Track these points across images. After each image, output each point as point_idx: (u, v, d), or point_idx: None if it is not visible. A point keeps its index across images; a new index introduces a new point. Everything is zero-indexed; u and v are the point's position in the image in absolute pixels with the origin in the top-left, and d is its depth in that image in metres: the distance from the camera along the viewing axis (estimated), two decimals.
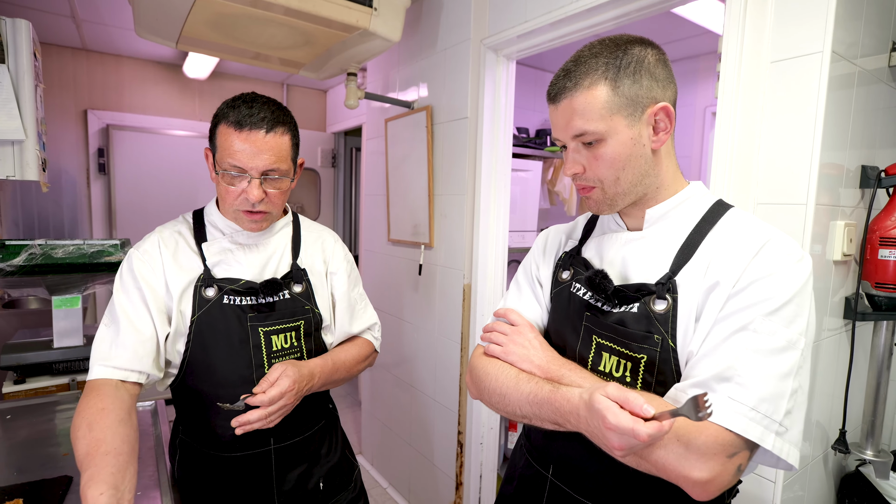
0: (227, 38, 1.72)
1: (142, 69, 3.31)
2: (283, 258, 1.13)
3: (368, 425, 2.80)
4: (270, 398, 0.94)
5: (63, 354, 1.68)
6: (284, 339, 1.07)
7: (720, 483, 0.63)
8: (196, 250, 1.07)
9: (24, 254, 1.53)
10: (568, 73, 0.75)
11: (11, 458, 1.13)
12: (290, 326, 1.08)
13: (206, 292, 1.02)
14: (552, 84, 0.78)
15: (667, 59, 0.77)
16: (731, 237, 0.73)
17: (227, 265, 1.07)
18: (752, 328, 0.66)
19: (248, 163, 0.98)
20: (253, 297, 1.05)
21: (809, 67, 1.05)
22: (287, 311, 1.08)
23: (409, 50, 2.26)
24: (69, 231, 3.15)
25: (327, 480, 1.17)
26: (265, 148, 0.98)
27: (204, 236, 1.09)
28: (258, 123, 0.98)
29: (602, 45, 0.75)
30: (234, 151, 0.98)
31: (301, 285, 1.11)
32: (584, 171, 0.78)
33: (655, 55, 0.75)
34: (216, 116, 1.02)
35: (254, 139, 0.97)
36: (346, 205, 4.12)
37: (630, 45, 0.74)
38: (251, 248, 1.10)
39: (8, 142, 1.37)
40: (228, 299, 1.03)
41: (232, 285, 1.04)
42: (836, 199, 1.14)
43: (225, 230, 1.09)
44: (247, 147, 0.97)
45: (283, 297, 1.08)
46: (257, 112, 0.98)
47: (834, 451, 1.26)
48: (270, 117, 0.99)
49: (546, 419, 0.75)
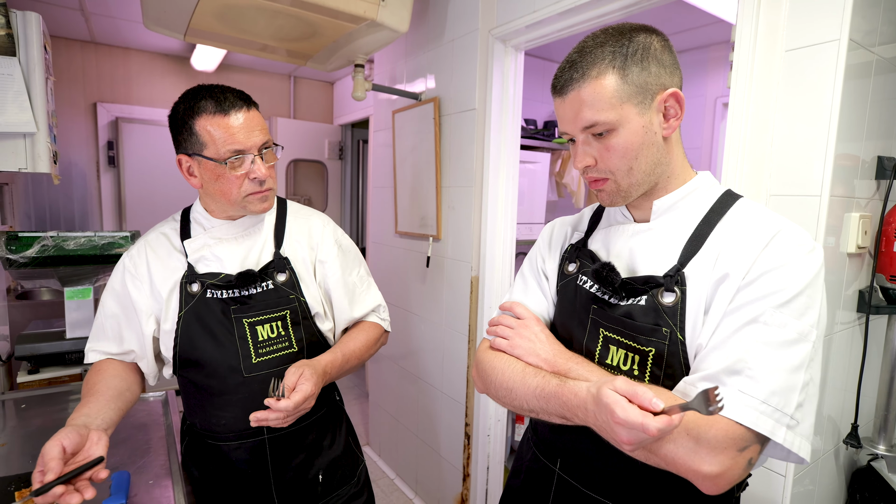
0: (234, 30, 1.72)
1: (150, 62, 3.31)
2: (265, 248, 1.13)
3: (375, 416, 2.82)
4: (295, 404, 0.94)
5: (75, 345, 1.70)
6: (271, 328, 1.08)
7: (730, 477, 0.62)
8: (181, 249, 1.09)
9: (36, 245, 1.55)
10: (573, 64, 0.74)
11: (26, 446, 1.15)
12: (275, 316, 1.08)
13: (190, 288, 1.05)
14: (557, 76, 0.76)
15: (671, 45, 0.75)
16: (740, 228, 0.72)
17: (209, 260, 1.08)
18: (763, 320, 0.65)
19: (246, 142, 0.99)
20: (234, 290, 1.06)
21: (825, 56, 1.03)
22: (271, 301, 1.08)
23: (417, 41, 2.24)
24: (80, 223, 3.18)
25: (328, 473, 1.16)
26: (254, 123, 1.01)
27: (188, 233, 1.11)
28: (237, 104, 1.00)
29: (606, 35, 0.73)
30: (232, 135, 0.98)
31: (284, 274, 1.10)
32: (596, 163, 0.76)
33: (661, 41, 0.73)
34: (186, 115, 0.98)
35: (243, 117, 0.99)
36: (353, 197, 4.13)
37: (635, 32, 0.73)
38: (231, 242, 1.10)
39: (20, 134, 1.38)
40: (211, 293, 1.05)
41: (213, 279, 1.05)
42: (851, 190, 1.12)
43: (206, 226, 1.10)
44: (240, 126, 0.99)
45: (266, 287, 1.08)
46: (228, 95, 1.00)
47: (846, 446, 1.25)
48: (240, 97, 1.02)
49: (553, 413, 0.74)
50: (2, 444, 1.16)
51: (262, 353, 1.07)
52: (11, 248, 1.52)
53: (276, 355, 1.08)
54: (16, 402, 1.40)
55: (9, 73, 1.34)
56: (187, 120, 0.99)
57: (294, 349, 1.10)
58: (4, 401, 1.41)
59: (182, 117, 0.99)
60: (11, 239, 1.54)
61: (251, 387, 1.05)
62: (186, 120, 0.99)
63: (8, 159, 1.38)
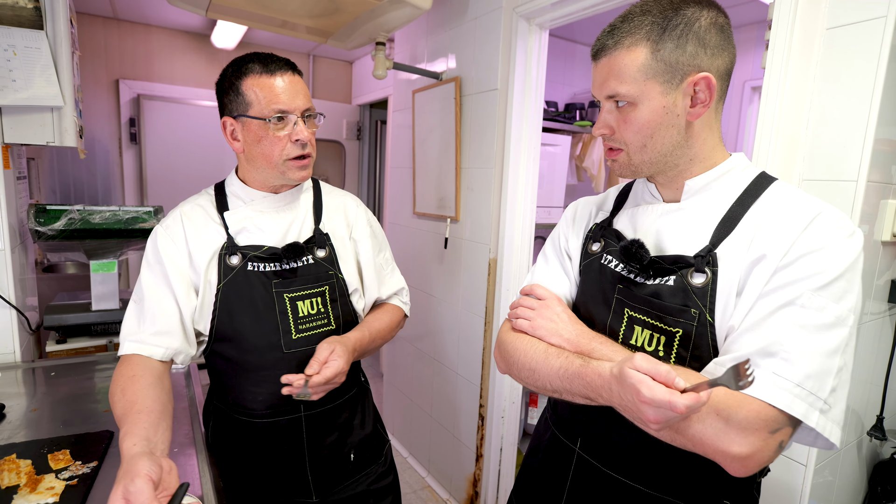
0: (255, 6, 1.70)
1: (171, 39, 3.32)
2: (306, 223, 1.12)
3: (390, 396, 2.86)
4: (326, 378, 0.96)
5: (101, 317, 1.74)
6: (311, 304, 1.07)
7: (760, 459, 0.61)
8: (219, 220, 1.07)
9: (63, 218, 1.58)
10: (613, 30, 0.73)
11: (56, 412, 1.19)
12: (315, 292, 1.08)
13: (230, 260, 1.04)
14: (598, 39, 0.75)
15: (726, 23, 0.72)
16: (777, 210, 0.70)
17: (250, 232, 1.07)
18: (800, 303, 0.63)
19: (290, 103, 1.00)
20: (277, 263, 1.05)
21: (870, 34, 0.98)
22: (311, 277, 1.07)
23: (439, 19, 2.20)
24: (103, 198, 3.23)
25: (359, 451, 1.17)
26: (299, 88, 1.02)
27: (226, 205, 1.09)
28: (283, 67, 1.01)
29: (655, 2, 0.71)
30: (276, 95, 0.99)
31: (324, 250, 1.10)
32: (613, 132, 0.76)
33: (710, 19, 0.70)
34: (234, 76, 1.00)
35: (288, 80, 1.01)
36: (371, 178, 4.12)
37: (685, 4, 0.70)
38: (273, 214, 1.09)
39: (47, 108, 1.40)
40: (253, 266, 1.04)
41: (255, 252, 1.05)
42: (889, 176, 1.08)
43: (245, 199, 1.10)
44: (285, 87, 1.00)
45: (306, 262, 1.07)
46: (274, 59, 1.02)
47: (869, 438, 1.24)
48: (286, 62, 1.03)
49: (577, 393, 0.74)
50: (34, 409, 1.19)
51: (303, 330, 1.06)
52: (40, 220, 1.55)
53: (316, 332, 1.07)
54: (45, 370, 1.44)
55: (36, 46, 1.35)
56: (235, 81, 1.00)
57: (332, 326, 1.09)
58: (35, 368, 1.46)
59: (230, 79, 1.01)
60: (40, 212, 1.57)
61: (290, 363, 1.05)
62: (234, 81, 1.00)
63: (36, 132, 1.40)
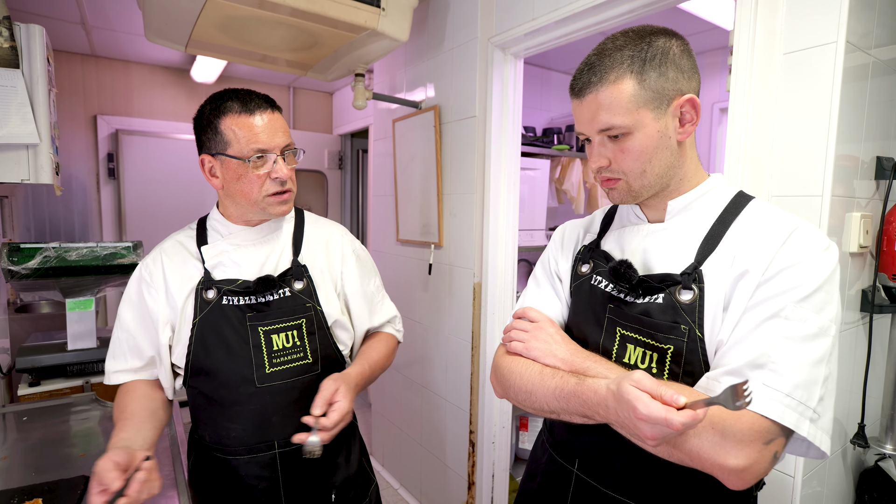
0: (235, 41, 1.73)
1: (150, 74, 3.33)
2: (283, 255, 1.12)
3: (379, 426, 2.80)
4: (334, 422, 0.94)
5: (77, 357, 1.69)
6: (286, 338, 1.05)
7: (757, 471, 0.62)
8: (198, 255, 1.08)
9: (38, 257, 1.55)
10: (592, 66, 0.75)
11: (29, 458, 1.14)
12: (290, 325, 1.06)
13: (206, 294, 1.04)
14: (576, 78, 0.77)
15: (691, 49, 0.76)
16: (756, 226, 0.73)
17: (226, 266, 1.07)
18: (784, 315, 0.65)
19: (269, 142, 1.00)
20: (252, 297, 1.04)
21: (823, 58, 1.04)
22: (286, 309, 1.06)
23: (417, 50, 2.26)
24: (80, 235, 3.17)
25: (341, 492, 1.12)
26: (278, 125, 1.03)
27: (205, 240, 1.10)
28: (262, 105, 1.02)
29: (626, 37, 0.74)
30: (256, 134, 0.99)
31: (302, 282, 1.09)
32: (610, 164, 0.78)
33: (680, 46, 0.75)
34: (213, 115, 1.00)
35: (267, 118, 1.01)
36: (353, 206, 4.13)
37: (654, 36, 0.74)
38: (249, 247, 1.09)
39: (22, 146, 1.39)
40: (227, 300, 1.04)
41: (230, 286, 1.04)
42: (852, 190, 1.13)
43: (224, 232, 1.10)
44: (265, 126, 1.00)
45: (282, 294, 1.06)
46: (253, 97, 1.02)
47: (853, 446, 1.25)
48: (265, 99, 1.04)
49: (574, 412, 0.74)
50: (3, 457, 1.14)
51: (277, 364, 1.04)
52: (13, 259, 1.51)
53: (291, 366, 1.05)
54: (16, 415, 1.39)
55: (12, 84, 1.35)
56: (213, 119, 1.00)
57: (308, 360, 1.07)
58: (5, 414, 1.40)
59: (208, 117, 1.01)
60: (13, 250, 1.54)
61: (263, 398, 1.03)
62: (212, 119, 1.00)
63: (11, 170, 1.39)
